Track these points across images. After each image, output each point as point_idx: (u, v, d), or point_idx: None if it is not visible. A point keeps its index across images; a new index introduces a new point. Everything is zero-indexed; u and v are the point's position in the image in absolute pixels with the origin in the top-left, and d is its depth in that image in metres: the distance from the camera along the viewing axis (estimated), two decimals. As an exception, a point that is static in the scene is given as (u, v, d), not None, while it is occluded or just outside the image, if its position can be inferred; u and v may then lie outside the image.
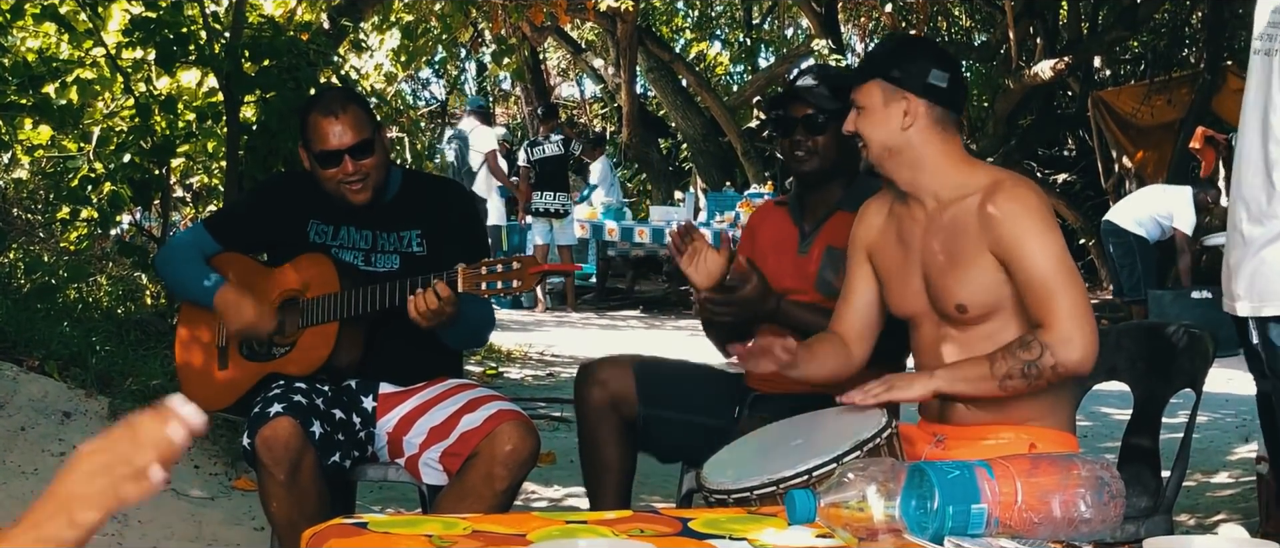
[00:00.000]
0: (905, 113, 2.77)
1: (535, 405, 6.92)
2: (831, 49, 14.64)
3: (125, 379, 5.37)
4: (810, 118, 3.40)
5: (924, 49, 2.97)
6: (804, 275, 3.43)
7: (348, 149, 3.32)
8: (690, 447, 3.36)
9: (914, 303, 2.85)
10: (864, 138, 2.81)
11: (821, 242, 3.44)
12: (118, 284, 7.82)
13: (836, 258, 3.34)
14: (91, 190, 6.42)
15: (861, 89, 2.81)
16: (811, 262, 3.44)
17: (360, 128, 3.33)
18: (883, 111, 2.78)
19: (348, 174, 3.33)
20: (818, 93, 3.42)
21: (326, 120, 3.32)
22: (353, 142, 3.32)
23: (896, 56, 2.85)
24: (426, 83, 23.48)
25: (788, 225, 3.54)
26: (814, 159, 3.42)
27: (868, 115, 2.80)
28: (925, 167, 2.78)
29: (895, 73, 2.79)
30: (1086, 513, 1.99)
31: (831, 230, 3.42)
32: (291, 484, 3.13)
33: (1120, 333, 3.31)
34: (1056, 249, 2.68)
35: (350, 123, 3.32)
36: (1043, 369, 2.63)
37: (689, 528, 2.16)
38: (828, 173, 3.44)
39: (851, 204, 3.36)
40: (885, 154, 2.80)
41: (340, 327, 3.32)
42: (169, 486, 4.88)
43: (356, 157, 3.33)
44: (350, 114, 3.33)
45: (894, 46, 2.87)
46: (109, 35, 6.40)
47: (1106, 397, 4.92)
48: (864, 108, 2.81)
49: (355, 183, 3.35)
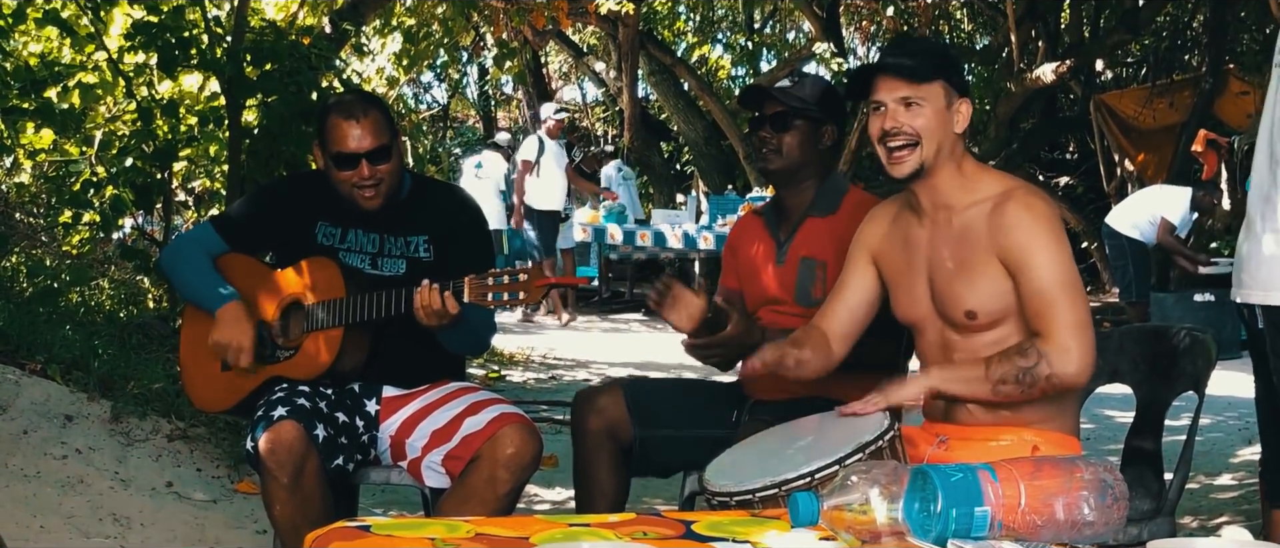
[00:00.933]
0: (959, 115, 2.77)
1: (537, 409, 6.91)
2: (833, 52, 14.63)
3: (127, 383, 5.37)
4: (778, 116, 3.41)
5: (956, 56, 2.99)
6: (785, 286, 3.44)
7: (366, 153, 3.31)
8: (692, 461, 3.35)
9: (919, 308, 2.85)
10: (920, 134, 2.73)
11: (796, 251, 3.44)
12: (120, 288, 7.83)
13: (811, 268, 3.37)
14: (93, 194, 6.43)
15: (925, 86, 2.73)
16: (789, 272, 3.45)
17: (379, 133, 3.33)
18: (945, 114, 2.75)
19: (363, 178, 3.33)
20: (790, 93, 3.43)
21: (347, 123, 3.32)
22: (372, 146, 3.31)
23: (951, 59, 2.84)
24: (428, 86, 23.50)
25: (763, 235, 3.55)
26: (778, 157, 3.42)
27: (928, 112, 2.73)
28: (952, 168, 2.78)
29: (955, 76, 2.78)
30: (1089, 516, 1.99)
31: (805, 239, 3.44)
32: (295, 488, 3.13)
33: (1123, 336, 3.30)
34: (1063, 261, 2.68)
35: (370, 128, 3.31)
36: (1038, 378, 2.63)
37: (692, 531, 2.16)
38: (794, 172, 3.44)
39: (822, 208, 3.43)
40: (937, 156, 2.75)
41: (345, 332, 3.32)
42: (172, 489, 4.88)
43: (373, 161, 3.32)
44: (371, 119, 3.33)
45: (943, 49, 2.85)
46: (111, 39, 6.42)
47: (1109, 400, 4.92)
48: (923, 104, 2.73)
49: (368, 188, 3.34)
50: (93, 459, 4.80)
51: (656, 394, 3.53)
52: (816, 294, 3.35)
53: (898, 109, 2.73)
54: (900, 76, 2.74)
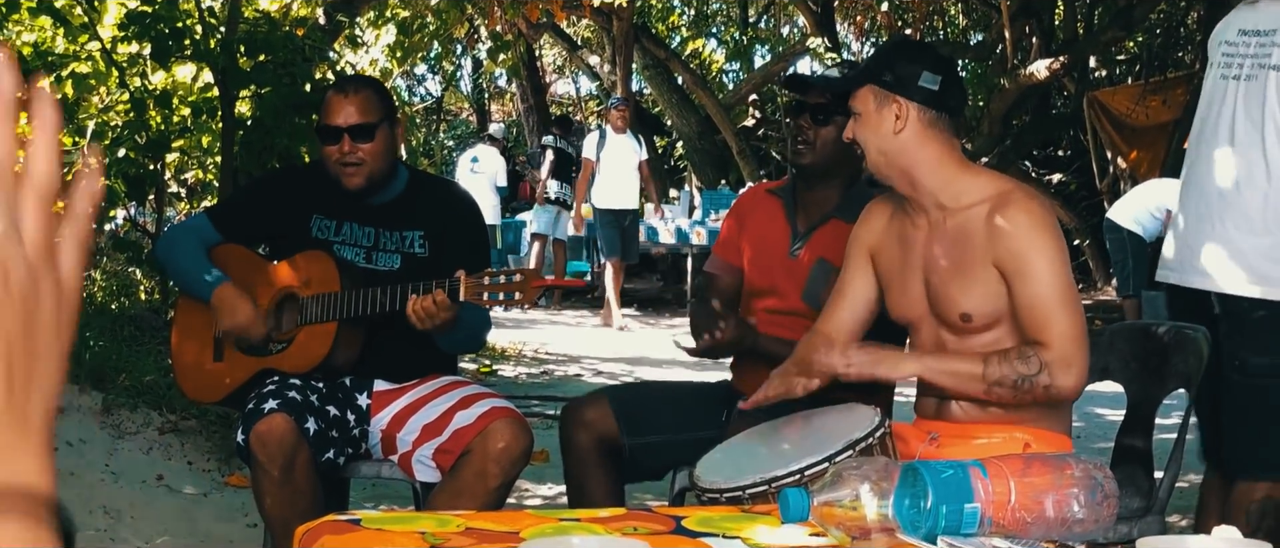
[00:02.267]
0: (897, 116, 2.77)
1: (529, 403, 6.91)
2: (827, 47, 14.65)
3: (119, 375, 5.37)
4: (818, 108, 3.31)
5: (916, 52, 2.95)
6: (793, 280, 3.37)
7: (348, 128, 3.32)
8: (684, 461, 3.33)
9: (914, 308, 2.85)
10: (861, 144, 2.81)
11: (813, 250, 3.36)
12: (112, 279, 7.82)
13: (829, 272, 3.24)
14: (86, 185, 6.40)
15: (856, 95, 2.81)
16: (801, 268, 3.37)
17: (366, 111, 3.34)
18: (876, 116, 2.78)
19: (344, 152, 3.34)
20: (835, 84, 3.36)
21: (337, 97, 3.37)
22: (356, 121, 3.32)
23: (888, 60, 2.85)
24: (422, 79, 23.52)
25: (780, 220, 3.45)
26: (811, 152, 3.33)
27: (863, 120, 2.80)
28: (922, 171, 2.77)
29: (887, 77, 2.78)
30: (1079, 513, 1.99)
31: (825, 240, 3.34)
32: (285, 481, 3.13)
33: (1114, 334, 3.31)
34: (1061, 269, 2.68)
35: (358, 104, 3.34)
36: (1035, 386, 2.64)
37: (682, 526, 2.16)
38: (825, 170, 3.35)
39: (848, 213, 3.25)
40: (881, 159, 2.79)
41: (339, 326, 3.31)
42: (162, 482, 4.86)
43: (356, 138, 3.33)
44: (361, 96, 3.36)
45: (887, 50, 2.88)
46: (104, 30, 6.39)
47: (1100, 398, 4.93)
48: (860, 113, 2.80)
49: (350, 166, 3.35)
50: (83, 452, 4.80)
51: (644, 401, 3.50)
52: (825, 298, 3.31)
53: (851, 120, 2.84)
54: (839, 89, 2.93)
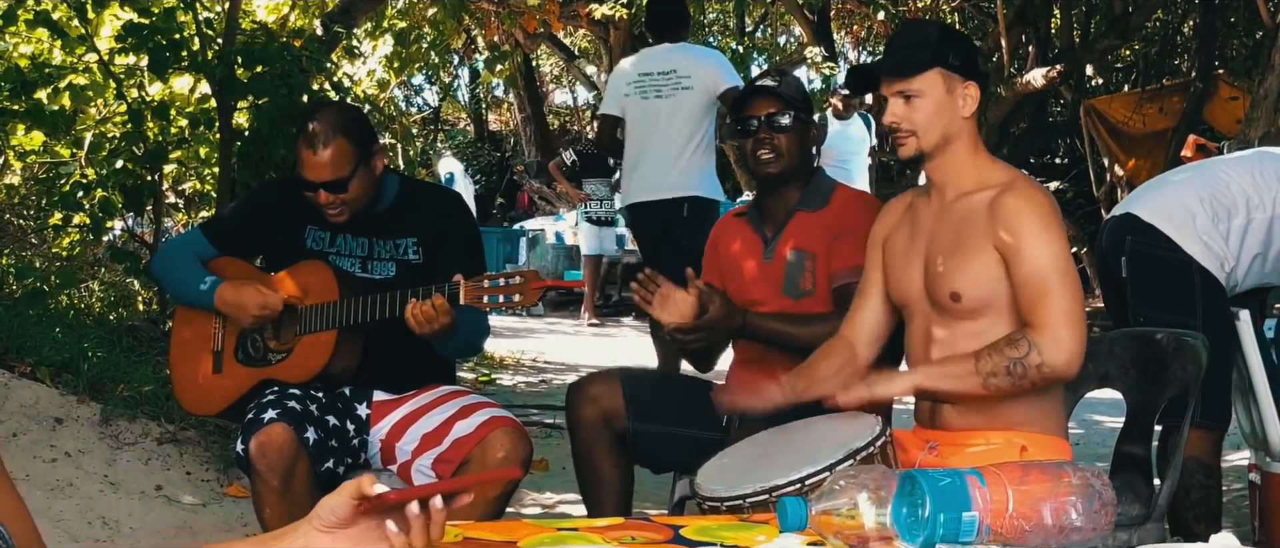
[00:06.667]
0: (965, 99, 2.78)
1: (528, 413, 6.91)
2: (824, 57, 14.65)
3: (117, 386, 5.36)
4: (773, 116, 3.39)
5: (963, 37, 2.99)
6: (771, 281, 3.44)
7: (323, 184, 3.32)
8: (682, 459, 3.36)
9: (912, 289, 2.86)
10: (917, 129, 2.78)
11: (784, 245, 3.44)
12: (110, 290, 7.81)
13: (801, 258, 3.37)
14: (83, 196, 6.40)
15: (918, 79, 2.77)
16: (777, 266, 3.44)
17: (339, 166, 3.30)
18: (947, 99, 2.77)
19: (321, 203, 3.34)
20: (783, 90, 3.42)
21: (308, 152, 3.31)
22: (329, 178, 3.31)
23: (950, 42, 2.83)
24: (419, 89, 23.50)
25: (750, 235, 3.54)
26: (779, 159, 3.40)
27: (927, 104, 2.77)
28: (966, 153, 2.81)
29: (954, 59, 2.78)
30: (1078, 521, 1.99)
31: (793, 232, 3.43)
32: (285, 491, 3.13)
33: (1112, 341, 3.31)
34: (1058, 250, 2.69)
35: (329, 160, 3.29)
36: (1028, 368, 2.63)
37: (680, 535, 2.16)
38: (791, 173, 3.44)
39: (810, 203, 3.42)
40: (942, 144, 2.79)
41: (338, 335, 3.31)
42: (161, 492, 4.86)
43: (331, 191, 3.32)
44: (331, 152, 3.29)
45: (940, 32, 2.84)
46: (102, 41, 6.39)
47: (1098, 405, 4.93)
48: (920, 97, 2.77)
49: (332, 210, 3.36)
50: (82, 462, 4.79)
51: (653, 387, 3.53)
52: (805, 285, 3.35)
53: (896, 104, 2.79)
54: (895, 75, 2.79)
